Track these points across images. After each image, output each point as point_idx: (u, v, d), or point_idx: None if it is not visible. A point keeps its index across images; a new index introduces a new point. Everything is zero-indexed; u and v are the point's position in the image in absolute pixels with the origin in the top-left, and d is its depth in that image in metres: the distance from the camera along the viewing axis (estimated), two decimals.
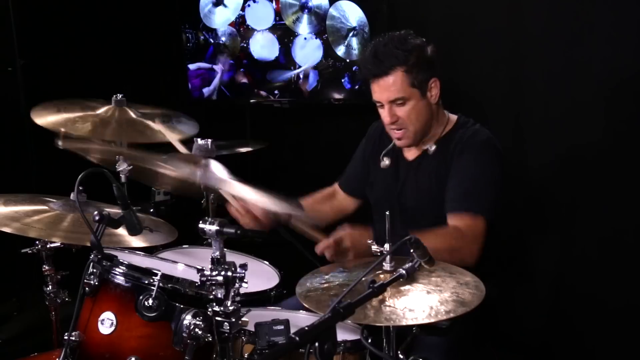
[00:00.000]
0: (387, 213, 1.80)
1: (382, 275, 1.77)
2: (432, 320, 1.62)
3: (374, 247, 1.82)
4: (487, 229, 2.20)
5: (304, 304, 1.76)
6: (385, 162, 2.44)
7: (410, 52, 2.24)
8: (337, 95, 3.75)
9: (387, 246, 1.78)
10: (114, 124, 2.42)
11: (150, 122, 2.31)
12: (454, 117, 2.40)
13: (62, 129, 2.07)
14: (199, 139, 1.50)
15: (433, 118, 2.34)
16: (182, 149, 2.09)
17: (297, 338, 1.33)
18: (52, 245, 2.30)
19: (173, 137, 2.17)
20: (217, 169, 1.79)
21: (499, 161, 2.31)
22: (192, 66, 4.06)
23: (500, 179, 2.29)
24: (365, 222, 2.49)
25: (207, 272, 1.62)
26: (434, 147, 2.35)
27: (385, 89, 2.27)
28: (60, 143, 2.06)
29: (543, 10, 3.06)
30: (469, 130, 2.35)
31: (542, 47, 3.06)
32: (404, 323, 1.62)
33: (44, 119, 2.38)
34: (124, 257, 2.00)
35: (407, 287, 1.72)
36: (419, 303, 1.67)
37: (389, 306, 1.66)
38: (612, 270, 2.94)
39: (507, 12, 3.17)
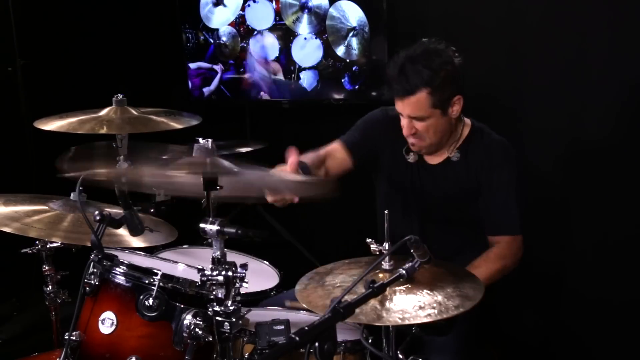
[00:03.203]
0: (386, 212, 1.80)
1: (381, 274, 1.78)
2: (446, 316, 1.64)
3: (373, 247, 1.83)
4: (523, 237, 2.36)
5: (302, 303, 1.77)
6: (413, 156, 2.42)
7: (437, 72, 2.21)
8: (337, 95, 3.75)
9: (386, 245, 1.78)
10: (116, 120, 2.43)
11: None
12: (468, 121, 2.41)
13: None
14: (200, 139, 1.50)
15: (451, 130, 2.35)
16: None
17: (297, 338, 1.33)
18: (52, 245, 2.30)
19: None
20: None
21: (519, 169, 2.38)
22: (192, 65, 4.06)
23: (520, 186, 2.38)
24: (368, 217, 2.50)
25: (208, 272, 1.62)
26: (458, 155, 2.36)
27: (408, 106, 2.26)
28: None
29: (543, 9, 3.06)
30: (489, 139, 2.38)
31: (542, 45, 3.06)
32: (418, 321, 1.64)
33: (48, 125, 2.38)
34: (124, 257, 2.01)
35: (409, 285, 1.73)
36: (426, 300, 1.68)
37: (397, 305, 1.67)
38: (612, 270, 2.95)
39: (507, 11, 3.17)
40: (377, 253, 1.81)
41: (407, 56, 2.26)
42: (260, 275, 2.41)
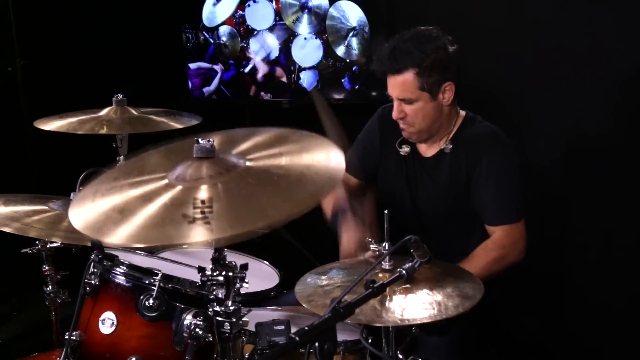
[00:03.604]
0: (386, 212, 1.81)
1: (380, 274, 1.78)
2: (445, 316, 1.65)
3: (373, 247, 1.83)
4: (526, 224, 2.32)
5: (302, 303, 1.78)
6: (405, 149, 2.44)
7: (427, 55, 2.23)
8: (337, 95, 3.75)
9: (386, 245, 1.79)
10: (117, 120, 2.43)
11: None
12: (462, 113, 2.41)
13: None
14: (200, 139, 1.50)
15: (443, 119, 2.35)
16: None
17: (297, 338, 1.33)
18: (52, 245, 2.30)
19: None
20: None
21: (515, 156, 2.37)
22: (192, 65, 4.06)
23: (521, 173, 2.36)
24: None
25: (208, 272, 1.62)
26: (450, 147, 2.36)
27: (395, 86, 2.30)
28: None
29: (544, 8, 3.06)
30: (479, 127, 2.38)
31: (543, 46, 3.06)
32: (417, 322, 1.65)
33: (48, 125, 2.39)
34: (125, 256, 2.01)
35: (408, 285, 1.73)
36: (426, 300, 1.69)
37: (396, 305, 1.68)
38: (612, 270, 2.95)
39: (507, 11, 3.17)
40: (377, 253, 1.81)
41: (401, 37, 2.31)
42: (260, 276, 2.41)
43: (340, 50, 3.66)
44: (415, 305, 1.68)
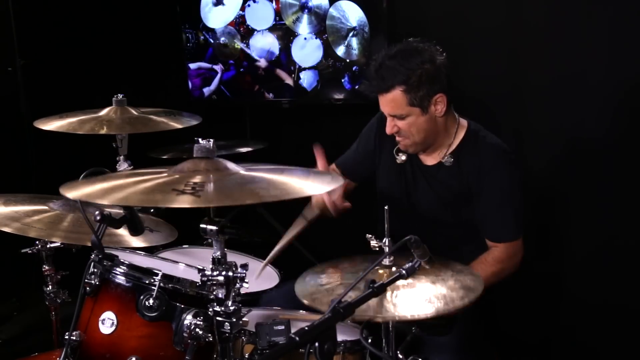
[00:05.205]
0: (386, 208, 1.81)
1: (381, 271, 1.79)
2: (452, 306, 1.68)
3: (373, 242, 1.83)
4: (523, 239, 2.34)
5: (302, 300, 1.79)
6: (402, 157, 2.44)
7: (413, 71, 2.22)
8: (337, 95, 3.75)
9: (386, 241, 1.79)
10: (116, 120, 2.43)
11: None
12: (464, 123, 2.40)
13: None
14: (200, 139, 1.50)
15: (438, 130, 2.34)
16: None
17: (297, 338, 1.33)
18: (52, 245, 2.29)
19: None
20: None
21: (518, 173, 2.37)
22: (192, 65, 4.07)
23: (522, 190, 2.36)
24: (368, 216, 2.51)
25: (208, 272, 1.62)
26: (451, 160, 2.36)
27: (386, 104, 2.30)
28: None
29: (543, 9, 3.06)
30: (483, 142, 2.36)
31: (542, 46, 3.06)
32: (428, 314, 1.67)
33: (48, 125, 2.39)
34: (125, 257, 2.01)
35: (410, 280, 1.74)
36: (432, 293, 1.71)
37: (402, 300, 1.69)
38: (611, 270, 2.95)
39: (507, 12, 3.17)
40: (377, 249, 1.82)
41: (387, 54, 2.30)
42: (260, 275, 2.41)
43: (340, 50, 3.66)
44: (420, 300, 1.69)
